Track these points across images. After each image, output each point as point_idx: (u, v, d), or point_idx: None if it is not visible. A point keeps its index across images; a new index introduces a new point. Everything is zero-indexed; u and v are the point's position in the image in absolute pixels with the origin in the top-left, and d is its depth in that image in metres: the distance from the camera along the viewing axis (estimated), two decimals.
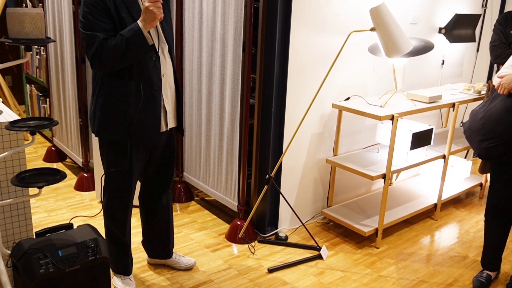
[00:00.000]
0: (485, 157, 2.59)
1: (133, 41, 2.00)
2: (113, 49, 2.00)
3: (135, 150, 2.25)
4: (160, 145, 2.39)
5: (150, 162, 2.42)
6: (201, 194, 3.77)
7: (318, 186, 3.37)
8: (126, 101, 2.14)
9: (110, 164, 2.27)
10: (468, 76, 4.49)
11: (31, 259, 1.94)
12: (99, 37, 2.00)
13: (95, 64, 2.06)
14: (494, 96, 2.58)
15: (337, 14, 3.09)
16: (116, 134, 2.18)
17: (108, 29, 2.03)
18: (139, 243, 2.95)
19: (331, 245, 3.11)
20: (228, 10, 2.89)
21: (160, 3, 2.01)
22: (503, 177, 2.57)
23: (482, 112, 2.58)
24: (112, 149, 2.24)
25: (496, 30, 3.37)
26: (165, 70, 2.23)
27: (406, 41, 2.65)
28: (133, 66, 2.11)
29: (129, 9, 2.07)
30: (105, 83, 2.15)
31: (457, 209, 3.77)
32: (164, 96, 2.25)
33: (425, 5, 3.70)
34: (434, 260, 3.00)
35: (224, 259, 2.87)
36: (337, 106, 3.14)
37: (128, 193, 2.32)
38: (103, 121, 2.18)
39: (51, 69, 4.07)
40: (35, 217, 3.26)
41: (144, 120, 2.19)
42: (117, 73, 2.12)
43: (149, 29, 2.03)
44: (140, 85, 2.14)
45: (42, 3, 3.95)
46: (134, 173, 2.29)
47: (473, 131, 2.61)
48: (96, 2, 2.01)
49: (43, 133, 4.99)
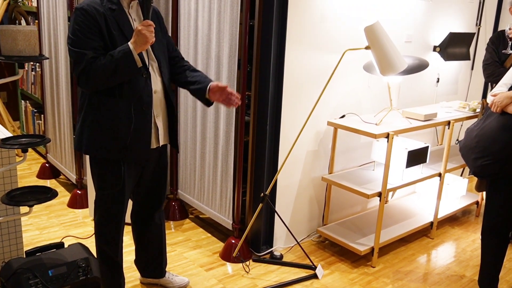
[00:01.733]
0: (480, 175, 2.58)
1: (123, 62, 1.97)
2: (101, 68, 1.97)
3: (127, 167, 2.21)
4: (151, 161, 2.35)
5: (142, 180, 2.38)
6: (196, 212, 3.73)
7: (313, 204, 3.35)
8: (116, 119, 2.10)
9: (102, 182, 2.23)
10: (463, 94, 4.51)
11: (20, 279, 1.91)
12: (87, 55, 1.97)
13: (82, 82, 2.02)
14: (488, 114, 2.59)
15: (332, 32, 3.10)
16: (107, 152, 2.14)
17: (97, 47, 2.00)
18: (131, 262, 2.90)
19: (327, 264, 3.08)
20: (223, 27, 2.90)
21: (152, 27, 1.99)
22: (498, 195, 2.56)
23: (477, 130, 2.59)
24: (103, 167, 2.20)
25: (489, 48, 3.40)
26: (156, 87, 2.20)
27: (401, 59, 2.65)
28: (123, 84, 2.08)
29: (121, 27, 2.05)
30: (94, 99, 2.10)
31: (453, 227, 3.74)
32: (155, 113, 2.21)
33: (420, 24, 3.72)
34: (430, 279, 2.97)
35: (218, 279, 2.83)
36: (332, 124, 3.13)
37: (120, 212, 2.28)
38: (92, 139, 2.13)
39: (46, 86, 4.06)
40: (27, 235, 3.21)
41: (135, 137, 2.15)
42: (107, 90, 2.08)
43: (139, 51, 2.00)
44: (131, 104, 2.10)
45: (38, 20, 3.96)
46: (126, 191, 2.25)
47: (468, 149, 2.61)
48: (86, 19, 1.97)
49: (37, 150, 4.96)
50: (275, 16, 2.78)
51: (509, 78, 2.59)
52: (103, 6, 2.02)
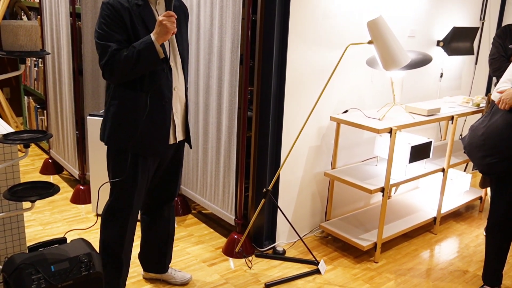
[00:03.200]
0: (487, 172, 2.56)
1: (145, 53, 2.02)
2: (124, 59, 2.02)
3: (142, 161, 2.23)
4: (167, 157, 2.38)
5: (156, 174, 2.41)
6: (198, 207, 3.74)
7: (316, 200, 3.34)
8: (136, 111, 2.15)
9: (116, 173, 2.25)
10: (466, 89, 4.48)
11: (22, 274, 1.90)
12: (111, 47, 2.02)
13: (107, 74, 2.08)
14: (493, 111, 2.56)
15: (335, 27, 3.08)
16: (125, 143, 2.17)
17: (121, 40, 2.05)
18: (135, 256, 2.90)
19: (329, 259, 3.07)
20: (226, 22, 2.89)
21: (174, 18, 2.02)
22: (505, 192, 2.55)
23: (483, 128, 2.55)
24: (119, 158, 2.22)
25: (495, 43, 3.37)
26: (176, 83, 2.24)
27: (404, 54, 2.64)
28: (144, 78, 2.12)
29: (145, 21, 2.09)
30: (117, 92, 2.16)
31: (457, 222, 3.73)
32: (174, 109, 2.25)
33: (423, 18, 3.70)
34: (434, 275, 2.96)
35: (220, 274, 2.83)
36: (335, 119, 3.12)
37: (129, 208, 2.26)
38: (113, 130, 2.18)
39: (49, 81, 4.06)
40: (30, 231, 3.22)
41: (153, 131, 2.19)
42: (129, 84, 2.13)
43: (161, 42, 2.04)
44: (152, 98, 2.14)
45: (40, 15, 3.96)
46: (139, 186, 2.25)
47: (474, 147, 2.58)
48: (112, 14, 2.03)
49: (40, 145, 4.97)
50: (278, 11, 2.77)
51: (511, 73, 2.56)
52: (129, 2, 2.07)
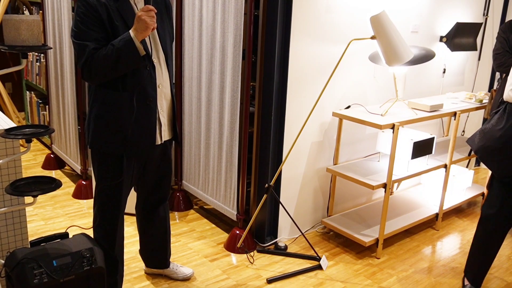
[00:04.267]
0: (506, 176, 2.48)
1: (124, 51, 1.93)
2: (103, 59, 1.94)
3: (127, 163, 2.18)
4: (154, 158, 2.32)
5: (146, 176, 2.36)
6: (200, 203, 3.74)
7: (318, 195, 3.34)
8: (119, 112, 2.07)
9: (101, 177, 2.20)
10: (469, 85, 4.47)
11: (24, 269, 1.91)
12: (89, 47, 1.94)
13: (86, 75, 2.00)
14: (509, 112, 2.46)
15: (337, 22, 3.07)
16: (109, 146, 2.12)
17: (99, 38, 1.96)
18: (136, 252, 2.91)
19: (331, 255, 3.07)
20: (228, 18, 2.88)
21: (153, 13, 1.94)
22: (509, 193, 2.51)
23: (501, 130, 2.46)
24: (104, 161, 2.17)
25: (500, 38, 3.33)
26: (160, 80, 2.16)
27: (407, 50, 2.63)
28: (126, 76, 2.04)
29: (124, 17, 2.00)
30: (98, 93, 2.08)
31: (459, 218, 3.73)
32: (159, 107, 2.18)
33: (426, 14, 3.68)
34: (435, 271, 2.96)
35: (222, 269, 2.84)
36: (337, 115, 3.12)
37: (116, 207, 2.24)
38: (97, 133, 2.12)
39: (51, 76, 4.06)
40: (32, 226, 3.23)
41: (139, 132, 2.12)
42: (111, 84, 2.05)
43: (141, 39, 1.96)
44: (134, 96, 2.06)
45: (42, 10, 3.95)
46: (124, 187, 2.21)
47: (491, 151, 2.50)
48: (87, 11, 1.93)
49: (42, 140, 4.97)
50: (280, 6, 2.76)
51: None
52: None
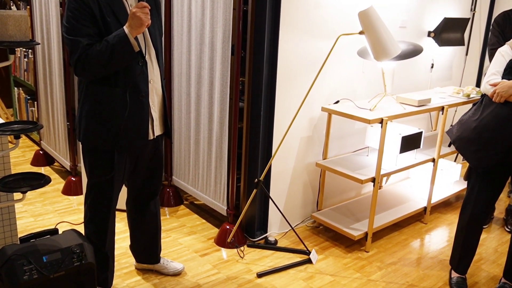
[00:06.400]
0: (481, 166, 2.52)
1: (119, 47, 1.94)
2: (97, 55, 1.93)
3: (119, 158, 2.18)
4: (146, 153, 2.32)
5: (137, 171, 2.35)
6: (190, 198, 3.74)
7: (307, 190, 3.36)
8: (112, 108, 2.07)
9: (93, 173, 2.20)
10: (457, 79, 4.51)
11: (14, 265, 1.91)
12: (82, 43, 1.93)
13: (79, 71, 1.98)
14: (485, 104, 2.50)
15: (326, 18, 3.08)
16: (101, 142, 2.11)
17: (92, 34, 1.96)
18: (127, 248, 2.91)
19: (321, 249, 3.10)
20: (217, 13, 2.88)
21: (147, 9, 1.94)
22: (490, 185, 2.55)
23: (475, 121, 2.50)
24: (95, 157, 2.17)
25: (495, 32, 3.17)
26: (152, 76, 2.16)
27: (395, 45, 2.65)
28: (119, 72, 2.04)
29: (116, 13, 2.00)
30: (90, 89, 2.08)
31: (447, 212, 3.77)
32: (151, 102, 2.18)
33: (414, 9, 3.71)
34: (423, 263, 3.00)
35: (212, 264, 2.85)
36: (326, 110, 3.13)
37: (108, 203, 2.24)
38: (88, 128, 2.11)
39: (39, 72, 4.03)
40: (21, 222, 3.22)
41: (131, 127, 2.12)
42: (103, 80, 2.04)
43: (135, 35, 1.96)
44: (126, 92, 2.07)
45: (29, 5, 3.91)
46: (115, 183, 2.21)
47: (466, 141, 2.54)
48: (80, 6, 1.92)
49: (31, 137, 4.94)
50: (269, 1, 2.76)
51: (499, 65, 2.50)
52: None
